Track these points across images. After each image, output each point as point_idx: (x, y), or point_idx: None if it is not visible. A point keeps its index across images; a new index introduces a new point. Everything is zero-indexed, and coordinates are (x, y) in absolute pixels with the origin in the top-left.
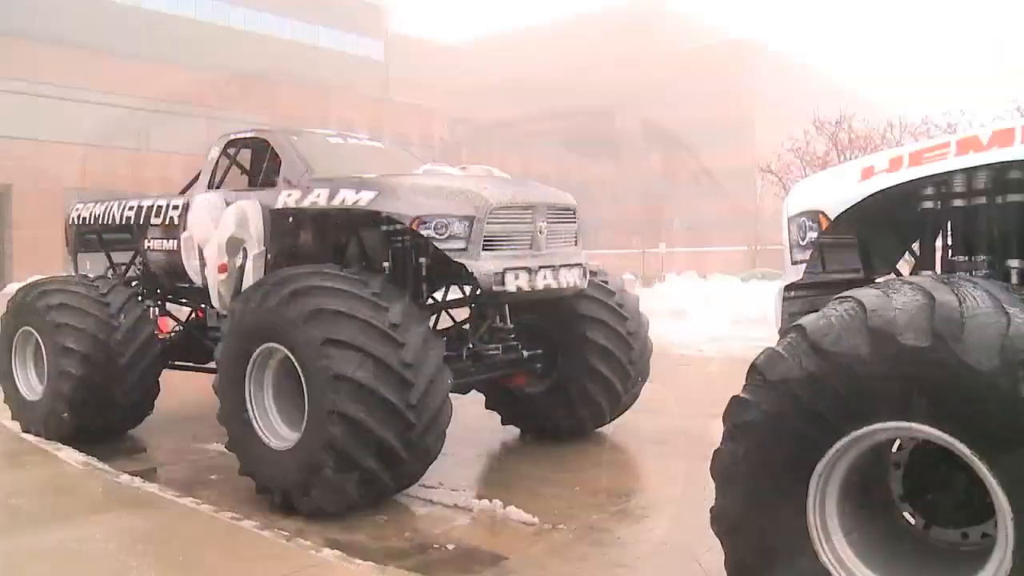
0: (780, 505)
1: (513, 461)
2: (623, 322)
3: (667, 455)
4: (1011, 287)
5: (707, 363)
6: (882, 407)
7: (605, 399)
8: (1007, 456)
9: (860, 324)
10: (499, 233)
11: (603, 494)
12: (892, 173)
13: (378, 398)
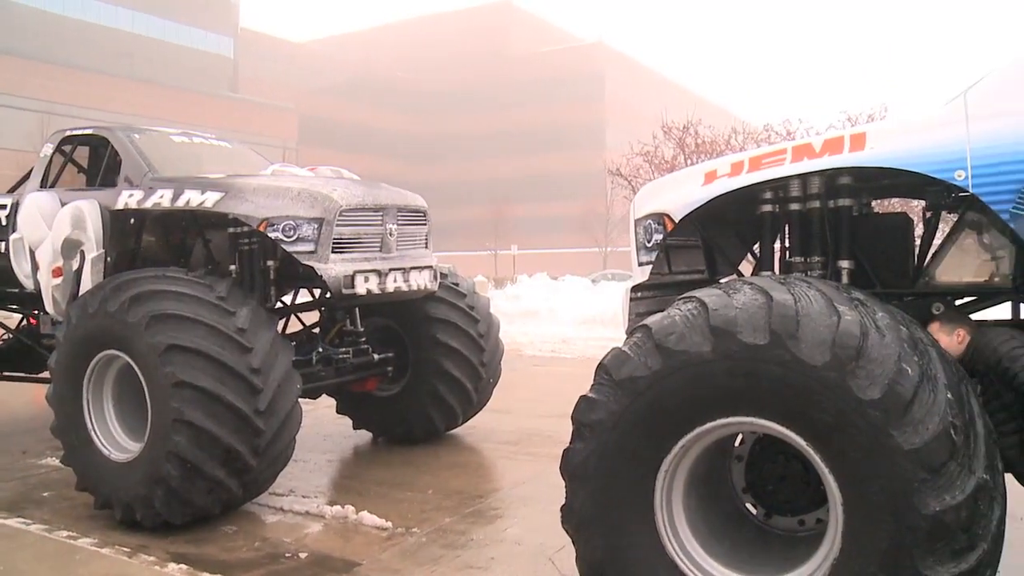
0: (628, 501)
1: (365, 466)
2: (474, 324)
3: (519, 456)
4: (842, 286)
5: (558, 363)
6: (724, 403)
7: (457, 401)
8: (836, 445)
9: (702, 323)
10: (349, 235)
11: (456, 496)
12: (733, 177)
13: (224, 405)
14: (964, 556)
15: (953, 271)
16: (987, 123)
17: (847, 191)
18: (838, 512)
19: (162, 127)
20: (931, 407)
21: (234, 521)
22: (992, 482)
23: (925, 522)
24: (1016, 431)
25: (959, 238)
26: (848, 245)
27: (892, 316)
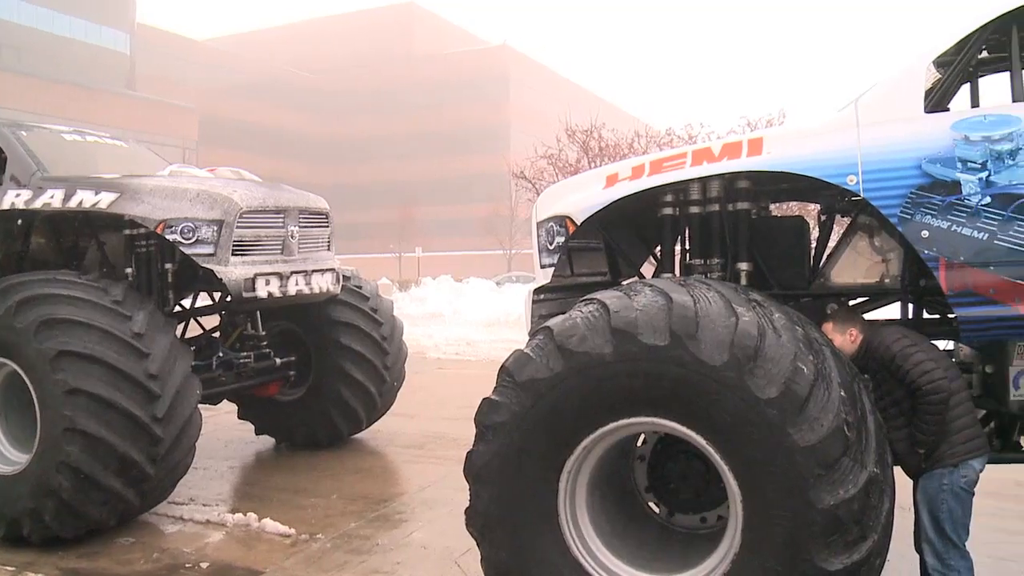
0: (532, 502)
1: (268, 472)
2: (377, 327)
3: (424, 459)
4: (740, 288)
5: (463, 366)
6: (625, 403)
7: (361, 405)
8: (735, 444)
9: (604, 325)
10: (249, 238)
11: (361, 501)
12: (634, 180)
13: (120, 412)
14: (856, 547)
15: (846, 273)
16: (877, 130)
17: (745, 194)
18: (738, 509)
19: (53, 124)
20: (826, 405)
21: (131, 532)
22: (882, 475)
23: (820, 516)
24: (905, 426)
25: (852, 241)
26: (746, 247)
27: (788, 316)
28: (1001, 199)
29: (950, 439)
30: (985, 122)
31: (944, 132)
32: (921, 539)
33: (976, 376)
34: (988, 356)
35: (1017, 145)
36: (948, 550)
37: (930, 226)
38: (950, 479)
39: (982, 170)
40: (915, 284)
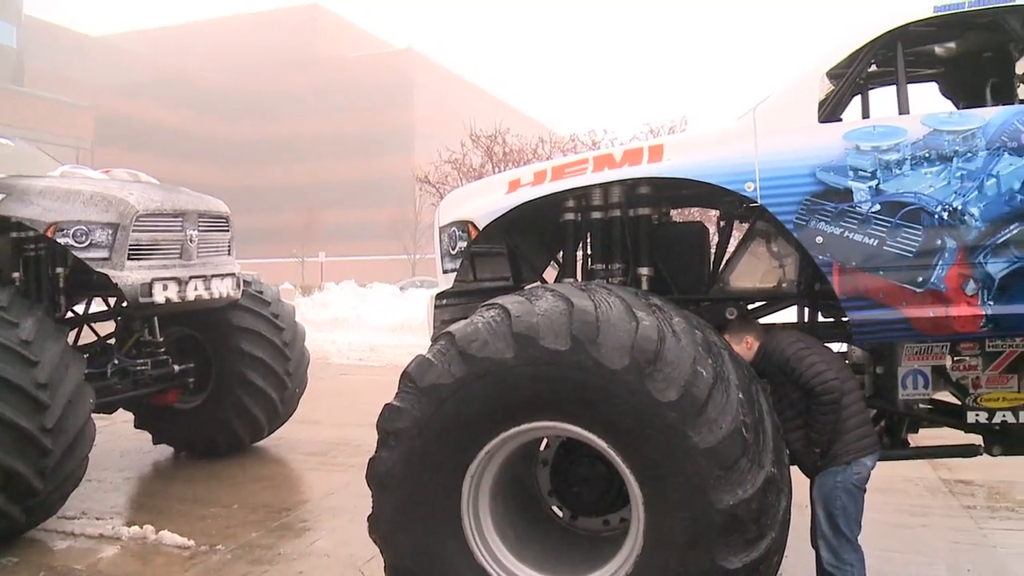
0: (435, 508)
1: (166, 482)
2: (279, 332)
3: (328, 466)
4: (640, 292)
5: (366, 371)
6: (528, 408)
7: (262, 412)
8: (636, 447)
9: (505, 330)
10: (146, 241)
11: (263, 510)
12: (537, 186)
13: (6, 424)
14: (755, 545)
15: (745, 277)
16: (773, 138)
17: (646, 200)
18: (639, 511)
19: None
20: (724, 407)
21: (16, 551)
22: (779, 475)
23: (720, 516)
24: (801, 427)
25: (750, 246)
26: (647, 252)
27: (688, 321)
28: (890, 207)
29: (843, 438)
30: (874, 133)
31: (836, 142)
32: (817, 535)
33: (868, 377)
34: (879, 358)
35: (904, 155)
36: (842, 545)
37: (824, 232)
38: (843, 476)
39: (872, 179)
40: (810, 288)
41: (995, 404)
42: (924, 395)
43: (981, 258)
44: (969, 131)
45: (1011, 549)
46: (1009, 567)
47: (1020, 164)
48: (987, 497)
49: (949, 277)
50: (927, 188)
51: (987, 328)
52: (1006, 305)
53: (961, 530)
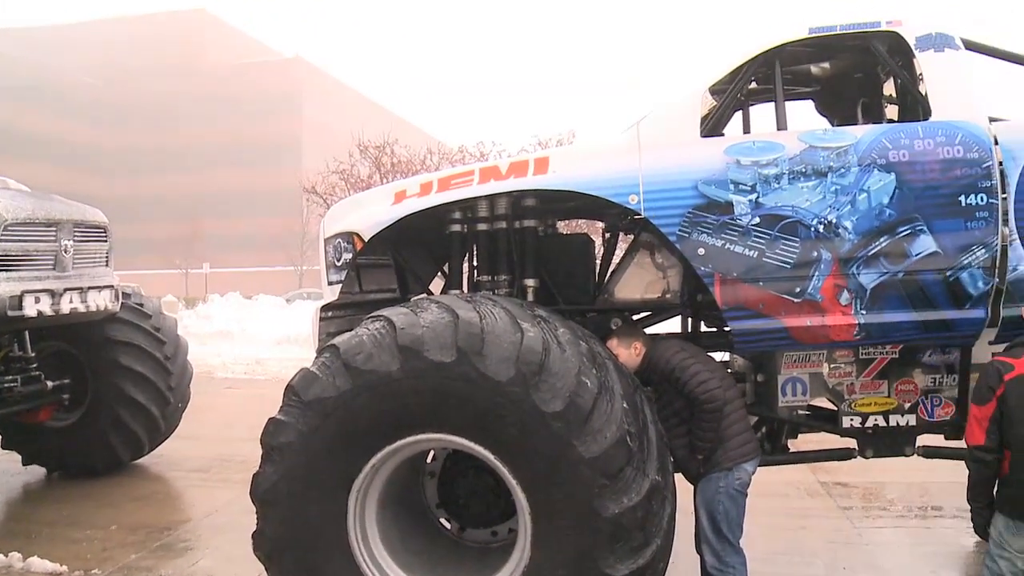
0: (321, 524)
1: (36, 505)
2: (160, 346)
3: (211, 483)
4: (526, 304)
5: (252, 385)
6: (413, 420)
7: (142, 428)
8: (522, 457)
9: (390, 342)
10: (15, 252)
11: (142, 530)
12: (423, 197)
13: None
14: (641, 552)
15: (629, 288)
16: (656, 152)
17: (532, 212)
18: (526, 521)
19: None
20: (609, 417)
21: None
22: (664, 482)
23: (606, 524)
24: (685, 434)
25: (634, 258)
26: (533, 264)
27: (573, 331)
28: (769, 219)
29: (725, 445)
30: (754, 147)
31: (718, 156)
32: (701, 540)
33: (749, 385)
34: (759, 366)
35: (782, 170)
36: (725, 548)
37: (706, 244)
38: (726, 482)
39: (752, 192)
40: (693, 299)
41: (868, 409)
42: (803, 401)
43: (854, 269)
44: (842, 148)
45: (882, 546)
46: (880, 563)
47: (888, 180)
48: (862, 498)
49: (825, 288)
50: (804, 202)
51: (860, 336)
52: (877, 314)
53: (838, 530)
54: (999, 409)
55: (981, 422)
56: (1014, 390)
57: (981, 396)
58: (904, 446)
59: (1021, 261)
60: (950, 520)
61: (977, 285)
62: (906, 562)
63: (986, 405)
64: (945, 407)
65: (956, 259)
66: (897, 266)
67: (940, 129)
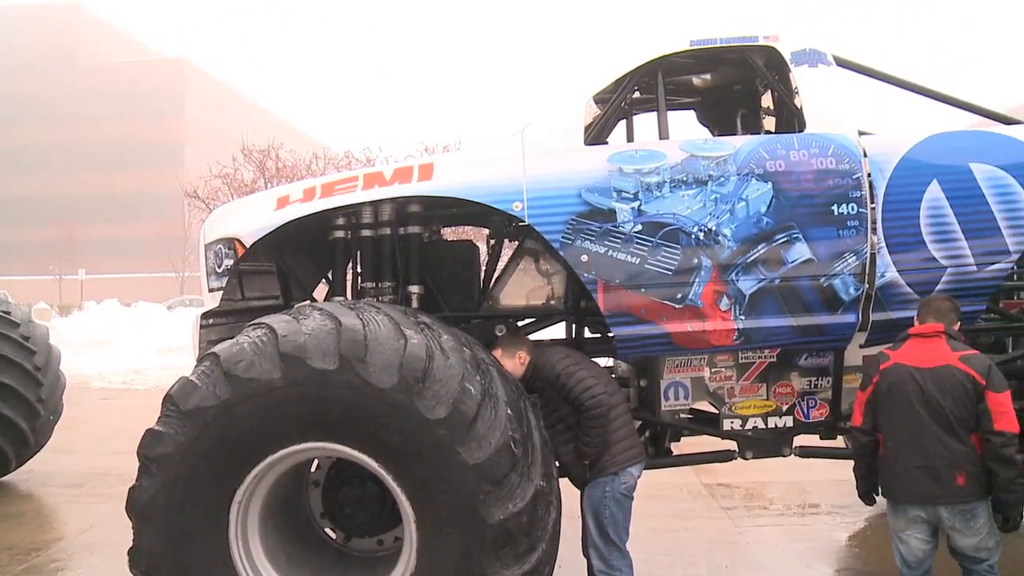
0: (202, 537)
1: None
2: (29, 356)
3: (85, 499)
4: (409, 311)
5: (130, 396)
6: (296, 429)
7: (9, 444)
8: (407, 465)
9: (272, 350)
10: None
11: (7, 552)
12: (306, 203)
13: None
14: (526, 557)
15: (514, 295)
16: (541, 160)
17: (416, 218)
18: (412, 529)
19: None
20: (493, 423)
21: None
22: (548, 488)
23: (491, 531)
24: (571, 440)
25: (519, 264)
26: (418, 270)
27: (456, 338)
28: (651, 227)
29: (611, 450)
30: (637, 156)
31: (601, 164)
32: (588, 544)
33: (632, 389)
34: (642, 371)
35: (664, 178)
36: (611, 552)
37: (589, 251)
38: (612, 486)
39: (634, 200)
40: (577, 305)
41: (747, 411)
42: (685, 405)
43: (733, 276)
44: (722, 157)
45: (763, 544)
46: (761, 560)
47: (766, 189)
48: (744, 498)
49: (705, 294)
50: (685, 209)
51: (739, 341)
52: (756, 319)
53: (720, 530)
54: (874, 394)
55: (860, 405)
56: (885, 378)
57: (864, 381)
58: (782, 447)
59: (888, 268)
60: (826, 516)
61: (849, 291)
62: (785, 558)
63: (865, 390)
64: (820, 408)
65: (829, 266)
66: (774, 272)
67: (814, 141)
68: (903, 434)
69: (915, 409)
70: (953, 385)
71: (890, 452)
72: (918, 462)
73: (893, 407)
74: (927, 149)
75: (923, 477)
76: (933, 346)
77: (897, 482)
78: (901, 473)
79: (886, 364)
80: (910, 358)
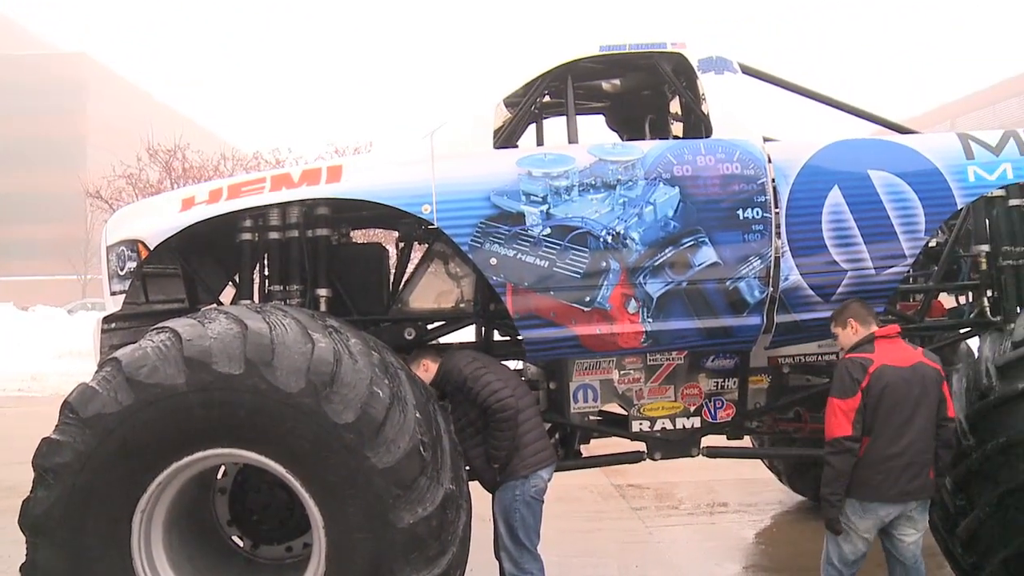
0: (102, 550)
1: None
2: None
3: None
4: (317, 314)
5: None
6: (202, 436)
7: None
8: (315, 470)
9: (176, 354)
10: None
11: None
12: (212, 204)
13: None
14: (436, 561)
15: (423, 298)
16: (450, 163)
17: (325, 221)
18: (320, 535)
19: None
20: (402, 427)
21: None
22: (458, 491)
23: (401, 535)
24: (480, 444)
25: (428, 268)
26: (326, 274)
27: (365, 342)
28: (559, 230)
29: (521, 453)
30: (545, 160)
31: (510, 167)
32: (499, 547)
33: (542, 392)
34: (551, 373)
35: (572, 182)
36: (522, 555)
37: (498, 254)
38: (522, 490)
39: (543, 203)
40: (486, 308)
41: (656, 413)
42: (594, 407)
43: (641, 279)
44: (630, 161)
45: (672, 543)
46: (670, 559)
47: (673, 193)
48: (654, 498)
49: (613, 297)
50: (593, 213)
51: (647, 343)
52: (663, 322)
53: (631, 531)
54: (865, 399)
55: (848, 414)
56: (878, 381)
57: (846, 390)
58: (690, 447)
59: (792, 271)
60: (734, 515)
61: (754, 294)
62: (694, 557)
63: (852, 397)
64: (727, 409)
65: (735, 269)
66: (681, 276)
67: (720, 147)
68: (894, 434)
69: (906, 408)
70: (929, 381)
71: (875, 453)
72: (905, 460)
73: (888, 408)
74: (829, 156)
75: (907, 474)
76: (900, 346)
77: (882, 482)
78: (886, 473)
79: (873, 367)
80: (891, 359)
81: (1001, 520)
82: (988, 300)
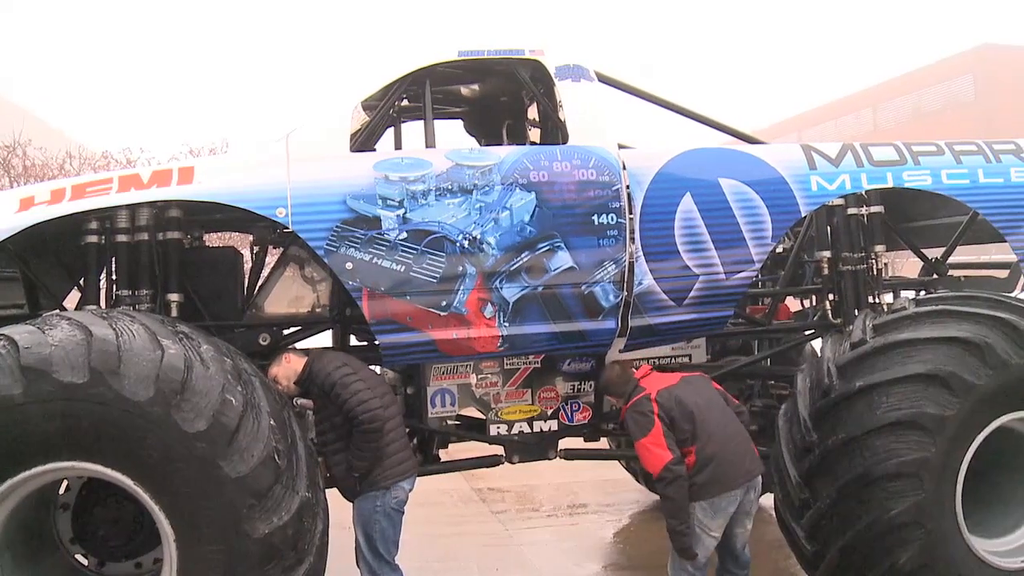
0: None
1: None
2: None
3: None
4: (167, 320)
5: None
6: (41, 449)
7: None
8: (165, 481)
9: (12, 363)
10: None
11: None
12: (53, 205)
13: None
14: (294, 571)
15: (279, 302)
16: (305, 165)
17: (177, 224)
18: (171, 549)
19: None
20: (256, 434)
21: None
22: (315, 499)
23: (256, 545)
24: (343, 450)
25: (283, 272)
26: (177, 278)
27: (217, 348)
28: (416, 235)
29: (383, 463)
30: (402, 164)
31: (367, 171)
32: (358, 556)
33: (400, 397)
34: (409, 378)
35: (429, 186)
36: (381, 566)
37: (354, 258)
38: (383, 501)
39: (400, 207)
40: (343, 313)
41: (513, 416)
42: (452, 412)
43: (497, 283)
44: (487, 167)
45: (533, 545)
46: (530, 561)
47: (529, 198)
48: (515, 501)
49: (470, 301)
50: (450, 218)
51: (504, 348)
52: (519, 326)
53: (491, 534)
54: (663, 423)
55: (659, 443)
56: (666, 400)
57: (644, 426)
58: (548, 450)
59: (645, 276)
60: (593, 515)
61: (608, 298)
62: (554, 558)
63: (653, 428)
64: (583, 412)
65: (590, 274)
66: (537, 280)
67: (576, 153)
68: (714, 428)
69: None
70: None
71: (709, 450)
72: (736, 443)
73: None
74: (681, 164)
75: (745, 456)
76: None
77: (726, 472)
78: (728, 464)
79: (654, 395)
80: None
81: (840, 511)
82: (830, 303)
